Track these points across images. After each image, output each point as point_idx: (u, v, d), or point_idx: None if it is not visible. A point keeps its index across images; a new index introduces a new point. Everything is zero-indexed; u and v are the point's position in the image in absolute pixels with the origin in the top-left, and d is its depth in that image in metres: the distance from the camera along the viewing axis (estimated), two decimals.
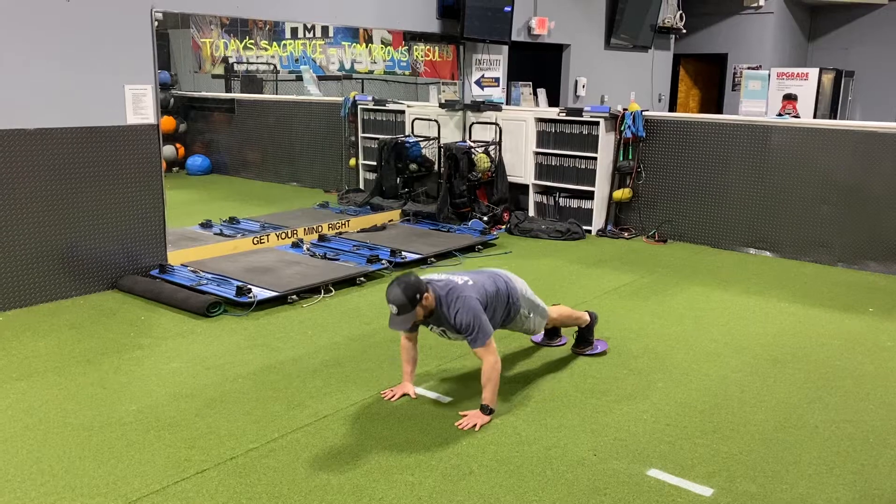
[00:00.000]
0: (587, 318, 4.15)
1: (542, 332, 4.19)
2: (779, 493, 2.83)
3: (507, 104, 8.24)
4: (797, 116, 9.12)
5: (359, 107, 8.70)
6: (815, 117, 9.56)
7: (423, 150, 7.76)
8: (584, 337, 4.17)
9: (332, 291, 5.21)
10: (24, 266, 4.80)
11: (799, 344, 4.39)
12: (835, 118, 10.34)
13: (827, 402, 3.62)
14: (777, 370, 3.99)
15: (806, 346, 4.37)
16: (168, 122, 10.15)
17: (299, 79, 9.91)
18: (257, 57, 10.21)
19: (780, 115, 9.17)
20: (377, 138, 8.12)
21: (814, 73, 9.86)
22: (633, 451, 3.12)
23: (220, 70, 10.60)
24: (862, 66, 12.09)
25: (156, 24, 5.19)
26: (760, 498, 2.80)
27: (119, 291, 5.18)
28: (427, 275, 3.52)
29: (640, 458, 3.06)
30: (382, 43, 8.50)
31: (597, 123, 7.16)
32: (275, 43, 9.67)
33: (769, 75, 10.03)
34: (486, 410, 3.35)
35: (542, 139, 7.54)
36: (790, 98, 9.77)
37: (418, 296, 3.22)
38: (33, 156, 4.75)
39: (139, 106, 5.16)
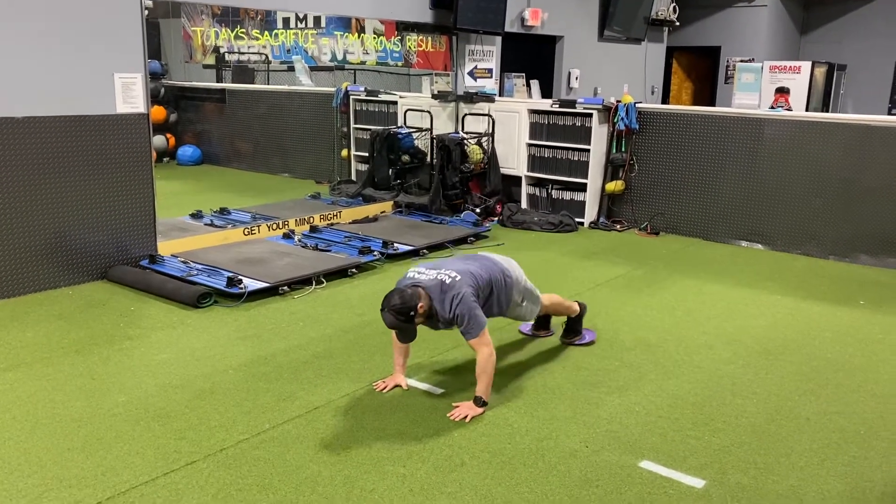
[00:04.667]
0: (577, 308, 4.16)
1: (532, 322, 4.18)
2: (770, 485, 2.83)
3: (500, 95, 8.22)
4: (790, 109, 9.14)
5: (351, 97, 8.65)
6: (807, 110, 9.58)
7: (416, 142, 7.72)
8: (573, 327, 4.19)
9: (323, 283, 5.19)
10: (12, 256, 4.76)
11: (790, 336, 4.40)
12: (827, 111, 10.36)
13: (818, 394, 3.62)
14: (769, 362, 4.00)
15: (797, 338, 4.38)
16: (158, 112, 10.08)
17: (291, 69, 9.85)
18: (249, 47, 10.15)
19: (772, 107, 9.19)
20: (369, 129, 8.09)
21: (806, 66, 9.88)
22: (625, 442, 3.12)
23: (211, 60, 10.53)
24: (854, 59, 12.11)
25: (146, 12, 5.14)
26: (752, 490, 2.80)
27: (108, 282, 5.14)
28: (415, 267, 3.50)
29: (632, 450, 3.06)
30: (375, 33, 8.45)
31: (590, 115, 7.14)
32: (266, 33, 9.60)
33: (762, 68, 10.04)
34: (479, 402, 3.34)
35: (535, 131, 7.52)
36: (783, 91, 9.79)
37: (412, 313, 3.24)
38: (21, 144, 4.70)
39: (129, 95, 5.11)
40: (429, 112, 7.76)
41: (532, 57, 9.46)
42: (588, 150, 7.19)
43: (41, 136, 4.77)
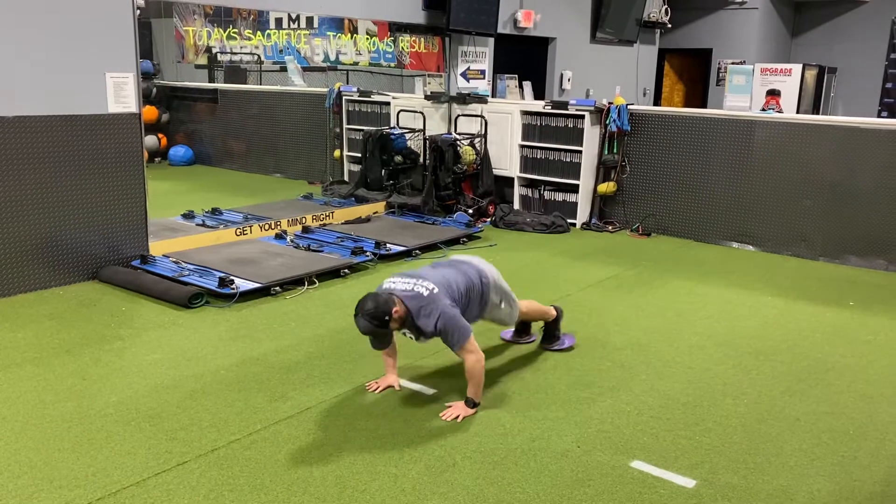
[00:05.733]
0: (553, 312, 4.09)
1: (512, 329, 4.15)
2: (760, 485, 2.85)
3: (492, 97, 8.23)
4: (780, 112, 9.17)
5: (344, 98, 8.65)
6: (798, 113, 9.62)
7: (409, 142, 7.73)
8: (551, 332, 4.12)
9: (315, 283, 5.18)
10: (2, 256, 4.73)
11: (781, 337, 4.42)
12: (817, 114, 10.41)
13: (808, 394, 3.64)
14: (759, 363, 4.02)
15: (788, 339, 4.40)
16: (150, 112, 10.06)
17: (284, 69, 9.85)
18: (241, 47, 10.14)
19: (763, 110, 9.22)
20: (362, 130, 8.09)
21: (797, 68, 9.91)
22: (617, 442, 3.13)
23: (203, 60, 10.52)
24: (844, 62, 12.18)
25: (138, 11, 5.12)
26: (742, 489, 2.82)
27: (100, 282, 5.12)
28: (390, 280, 3.44)
29: (623, 450, 3.07)
30: (368, 34, 8.46)
31: (582, 117, 7.16)
32: (259, 33, 9.60)
33: (753, 71, 10.08)
34: (471, 404, 3.34)
35: (528, 132, 7.53)
36: (774, 93, 9.82)
37: (386, 318, 3.20)
38: (12, 144, 4.67)
39: (121, 94, 5.10)
40: (421, 113, 7.77)
41: (524, 58, 9.48)
42: (580, 152, 7.21)
43: (32, 136, 4.75)
